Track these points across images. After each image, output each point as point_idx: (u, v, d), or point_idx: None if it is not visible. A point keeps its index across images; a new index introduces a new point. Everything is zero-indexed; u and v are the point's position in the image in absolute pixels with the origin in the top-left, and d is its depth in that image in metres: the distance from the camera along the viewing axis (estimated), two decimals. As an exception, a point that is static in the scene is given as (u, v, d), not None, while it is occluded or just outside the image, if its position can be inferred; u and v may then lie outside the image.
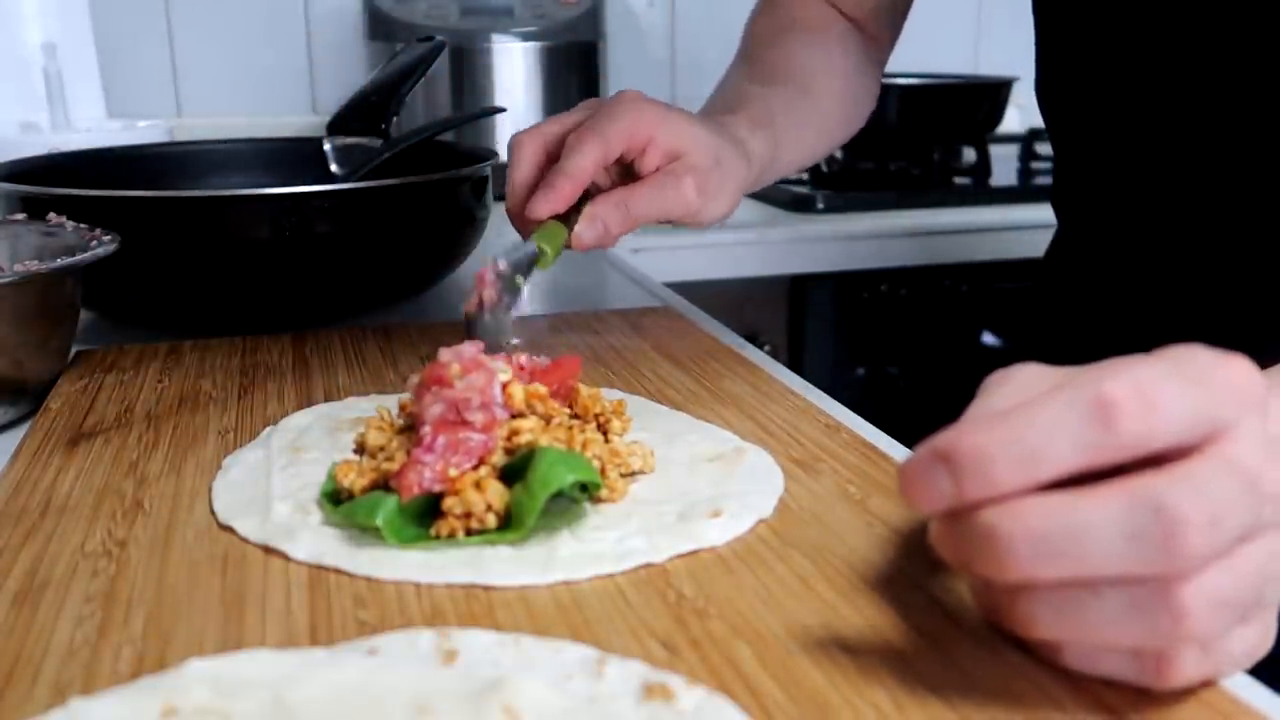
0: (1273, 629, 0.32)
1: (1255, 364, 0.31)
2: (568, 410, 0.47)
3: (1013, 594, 0.30)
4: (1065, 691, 0.31)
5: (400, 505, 0.40)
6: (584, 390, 0.48)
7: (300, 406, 0.55)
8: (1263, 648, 0.32)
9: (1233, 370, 0.29)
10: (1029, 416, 0.28)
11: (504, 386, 0.43)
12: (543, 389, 0.45)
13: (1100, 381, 0.28)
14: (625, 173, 0.61)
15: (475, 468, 0.41)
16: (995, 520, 0.28)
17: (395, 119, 0.91)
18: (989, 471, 0.28)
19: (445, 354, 0.44)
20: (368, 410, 0.52)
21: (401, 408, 0.46)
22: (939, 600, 0.36)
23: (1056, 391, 0.29)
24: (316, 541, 0.40)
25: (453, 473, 0.40)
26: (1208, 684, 0.31)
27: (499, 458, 0.42)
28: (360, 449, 0.46)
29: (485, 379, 0.42)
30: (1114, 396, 0.28)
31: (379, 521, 0.40)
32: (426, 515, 0.41)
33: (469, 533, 0.40)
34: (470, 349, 0.44)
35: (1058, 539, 0.28)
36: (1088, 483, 0.28)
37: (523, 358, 0.47)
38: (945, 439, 0.29)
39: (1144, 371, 0.29)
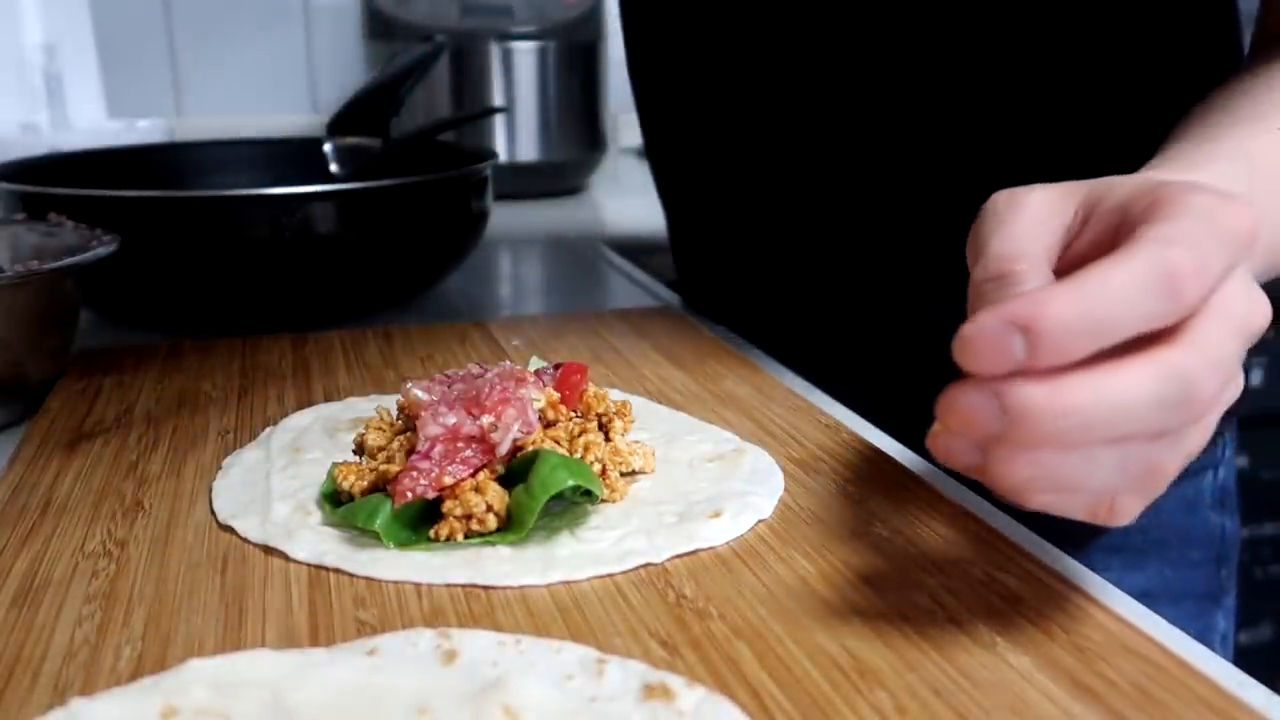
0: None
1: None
2: (574, 413, 0.47)
3: (1011, 456, 0.31)
4: (1069, 694, 0.31)
5: (398, 509, 0.40)
6: (590, 389, 0.48)
7: (300, 407, 0.55)
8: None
9: (1238, 215, 0.32)
10: (1104, 289, 0.29)
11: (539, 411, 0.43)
12: (555, 395, 0.45)
13: (1165, 250, 0.30)
14: None
15: (473, 475, 0.41)
16: (1036, 395, 0.29)
17: (395, 119, 0.92)
18: (1066, 344, 0.29)
19: (417, 392, 0.43)
20: (367, 410, 0.52)
21: (401, 408, 0.46)
22: (941, 601, 0.36)
23: (1124, 261, 0.30)
24: (316, 541, 0.40)
25: (448, 480, 0.40)
26: (1206, 680, 0.31)
27: (499, 464, 0.42)
28: (359, 449, 0.46)
29: (519, 413, 0.42)
30: (1181, 269, 0.29)
31: (377, 525, 0.40)
32: (426, 517, 0.41)
33: (468, 535, 0.40)
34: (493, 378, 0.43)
35: (1097, 412, 0.29)
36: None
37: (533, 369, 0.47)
38: (1024, 308, 0.29)
39: (1192, 234, 0.30)
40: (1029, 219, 0.34)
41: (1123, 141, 0.59)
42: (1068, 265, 0.35)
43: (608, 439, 0.46)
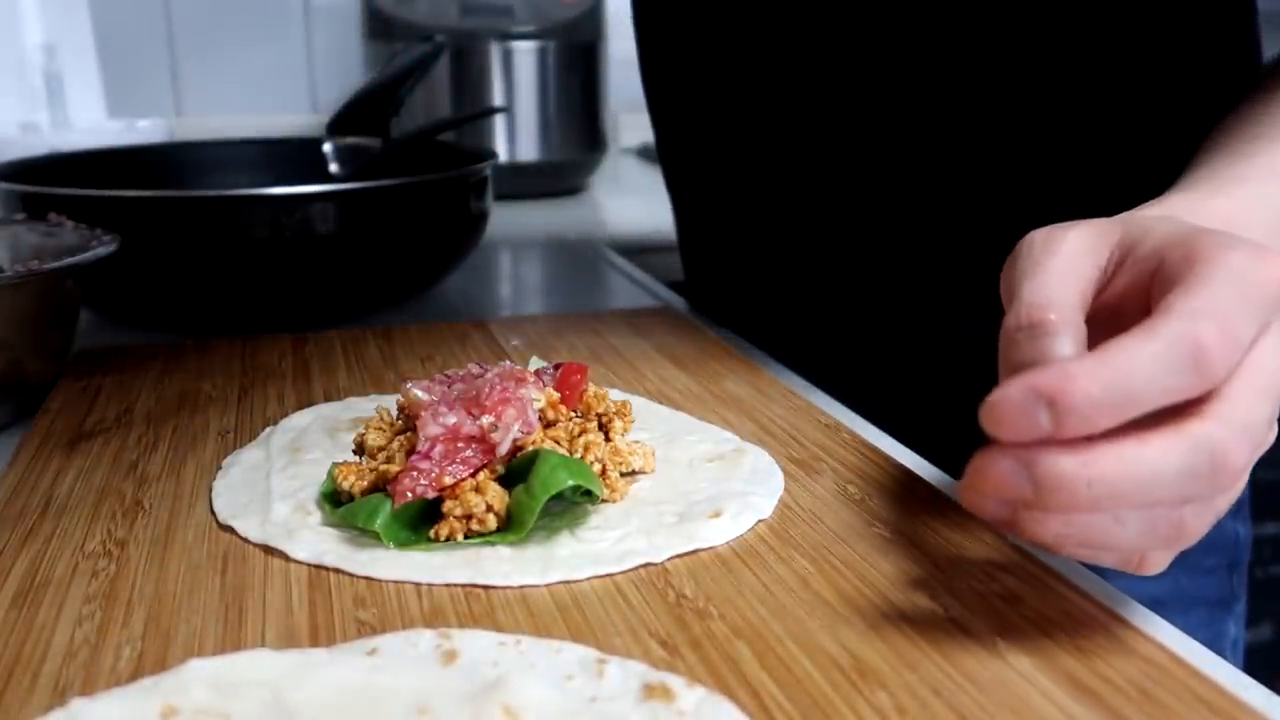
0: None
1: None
2: (574, 413, 0.47)
3: (1043, 516, 0.31)
4: (1070, 695, 0.31)
5: (398, 509, 0.40)
6: (590, 389, 0.48)
7: (300, 407, 0.55)
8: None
9: (1272, 271, 0.32)
10: (1130, 364, 0.30)
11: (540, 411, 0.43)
12: (555, 395, 0.45)
13: (1192, 324, 0.30)
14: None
15: (473, 475, 0.41)
16: (1066, 465, 0.30)
17: (395, 119, 0.92)
18: (1091, 417, 0.30)
19: (417, 391, 0.43)
20: (367, 410, 0.52)
21: (401, 408, 0.46)
22: (941, 601, 0.36)
23: (1151, 335, 0.30)
24: (316, 541, 0.40)
25: (448, 480, 0.40)
26: (1207, 681, 0.32)
27: (499, 464, 0.42)
28: (360, 449, 0.46)
29: (519, 413, 0.42)
30: (1207, 342, 0.30)
31: (377, 525, 0.40)
32: (426, 517, 0.41)
33: (468, 535, 0.40)
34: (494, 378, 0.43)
35: (1125, 483, 0.30)
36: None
37: (533, 369, 0.47)
38: (1052, 380, 0.30)
39: (1223, 301, 0.31)
40: (1063, 262, 0.35)
41: (1145, 148, 0.59)
42: (1102, 308, 0.36)
43: (608, 439, 0.46)
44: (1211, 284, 0.31)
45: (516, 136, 1.30)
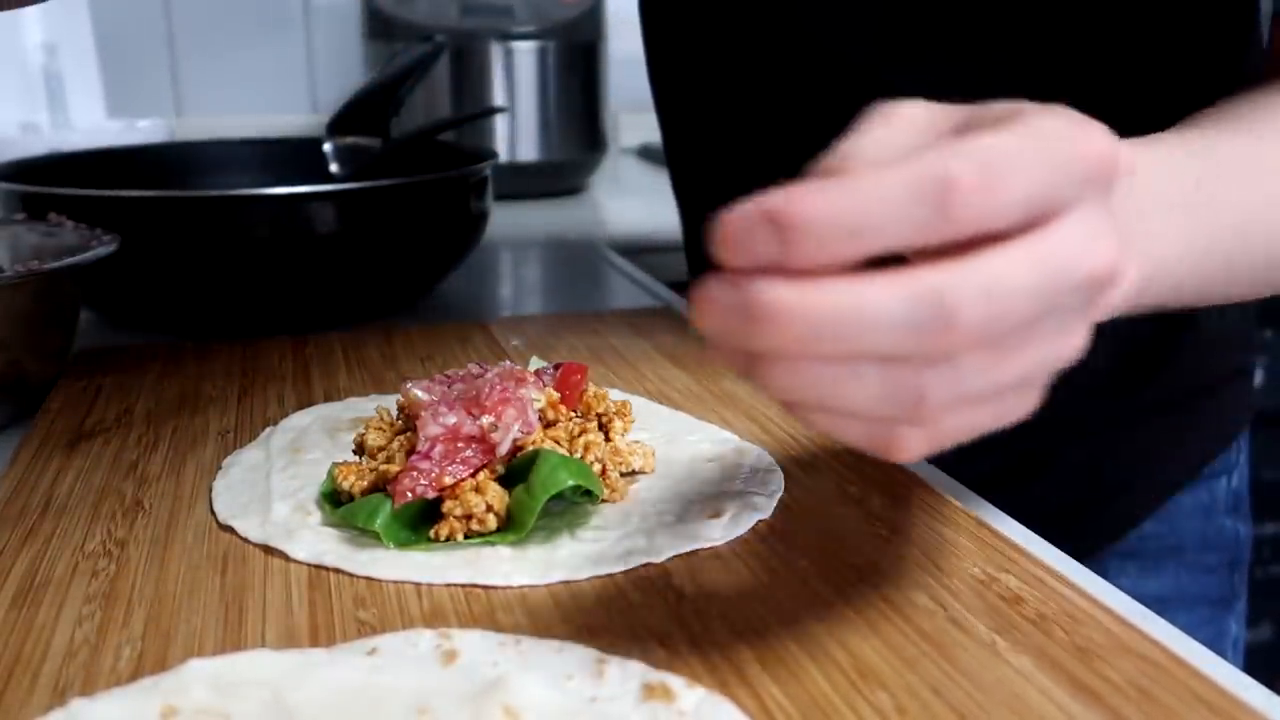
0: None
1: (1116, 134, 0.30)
2: (574, 413, 0.47)
3: (771, 361, 0.29)
4: (1069, 694, 0.31)
5: (398, 509, 0.40)
6: (590, 389, 0.48)
7: (300, 408, 0.55)
8: (984, 427, 0.31)
9: (1089, 143, 0.29)
10: (868, 188, 0.27)
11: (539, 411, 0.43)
12: (555, 395, 0.45)
13: (948, 158, 0.27)
14: None
15: (473, 475, 0.41)
16: (782, 295, 0.27)
17: (395, 119, 0.92)
18: (821, 243, 0.27)
19: (417, 392, 0.43)
20: (367, 410, 0.52)
21: (401, 408, 0.46)
22: (941, 601, 0.36)
23: (904, 163, 0.27)
24: (316, 541, 0.40)
25: (448, 480, 0.40)
26: (1206, 681, 0.31)
27: (499, 464, 0.42)
28: (360, 449, 0.46)
29: (519, 413, 0.42)
30: (955, 179, 0.27)
31: (377, 525, 0.40)
32: (426, 517, 0.41)
33: (468, 535, 0.40)
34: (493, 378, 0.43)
35: (838, 323, 0.27)
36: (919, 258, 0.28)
37: (533, 369, 0.47)
38: (779, 200, 0.27)
39: (996, 147, 0.27)
40: (888, 130, 0.31)
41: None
42: None
43: (608, 439, 0.46)
44: (1002, 134, 0.28)
45: (516, 136, 1.30)
